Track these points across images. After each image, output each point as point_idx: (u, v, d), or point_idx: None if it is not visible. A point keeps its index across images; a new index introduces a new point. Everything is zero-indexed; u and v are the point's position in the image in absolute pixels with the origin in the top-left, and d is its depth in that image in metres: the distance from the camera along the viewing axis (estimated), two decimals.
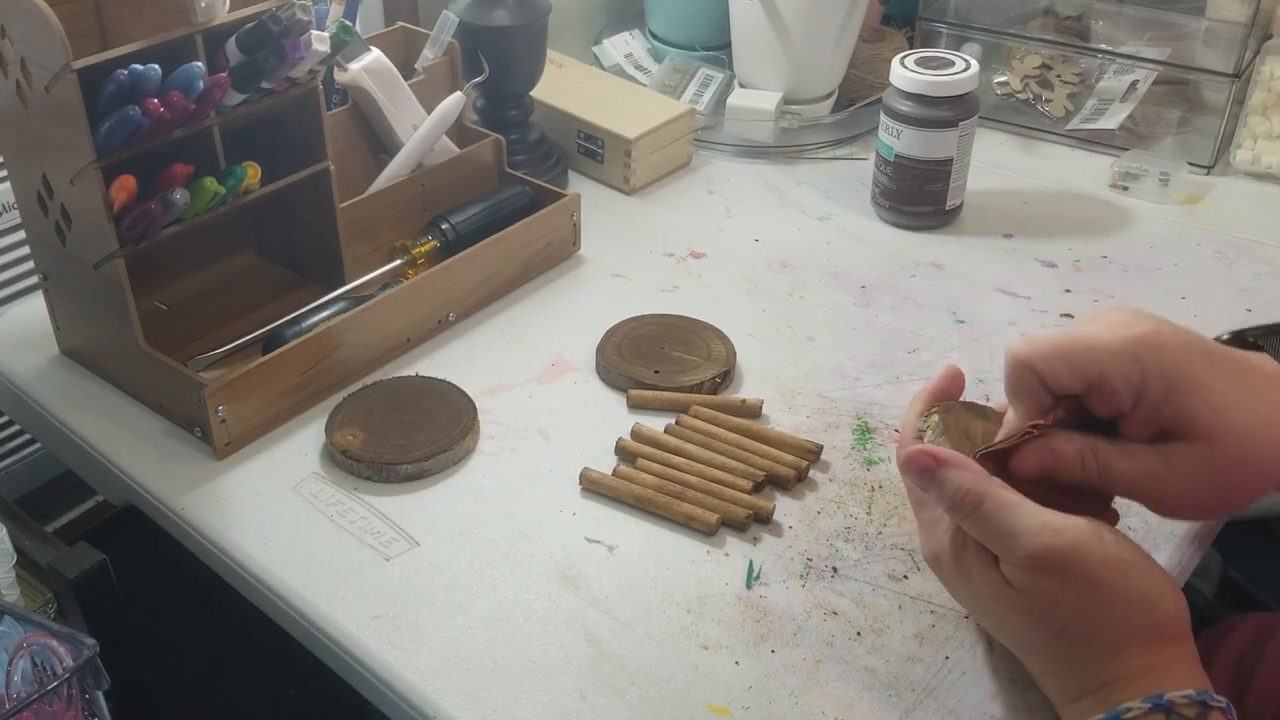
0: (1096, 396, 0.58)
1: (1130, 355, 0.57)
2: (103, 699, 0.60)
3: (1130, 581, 0.55)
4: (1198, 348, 0.58)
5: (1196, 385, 0.57)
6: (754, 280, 0.98)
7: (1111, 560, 0.55)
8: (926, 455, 0.59)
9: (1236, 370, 0.59)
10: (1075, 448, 0.59)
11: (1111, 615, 0.55)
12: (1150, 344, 0.57)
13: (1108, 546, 0.55)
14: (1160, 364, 0.57)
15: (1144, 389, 0.57)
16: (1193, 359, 0.57)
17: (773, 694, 0.64)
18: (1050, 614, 0.56)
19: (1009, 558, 0.56)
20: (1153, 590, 0.55)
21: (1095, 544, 0.55)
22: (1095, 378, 0.57)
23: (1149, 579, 0.55)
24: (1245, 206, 1.10)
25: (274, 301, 0.91)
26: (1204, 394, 0.57)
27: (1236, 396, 0.57)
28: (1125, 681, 0.55)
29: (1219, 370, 0.58)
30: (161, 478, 0.78)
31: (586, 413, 0.83)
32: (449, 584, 0.70)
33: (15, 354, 0.89)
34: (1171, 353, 0.57)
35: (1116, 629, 0.55)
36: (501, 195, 0.98)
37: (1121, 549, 0.55)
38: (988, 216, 1.08)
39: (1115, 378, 0.57)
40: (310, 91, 0.83)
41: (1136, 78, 1.18)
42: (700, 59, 1.26)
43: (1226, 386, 0.57)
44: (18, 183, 0.82)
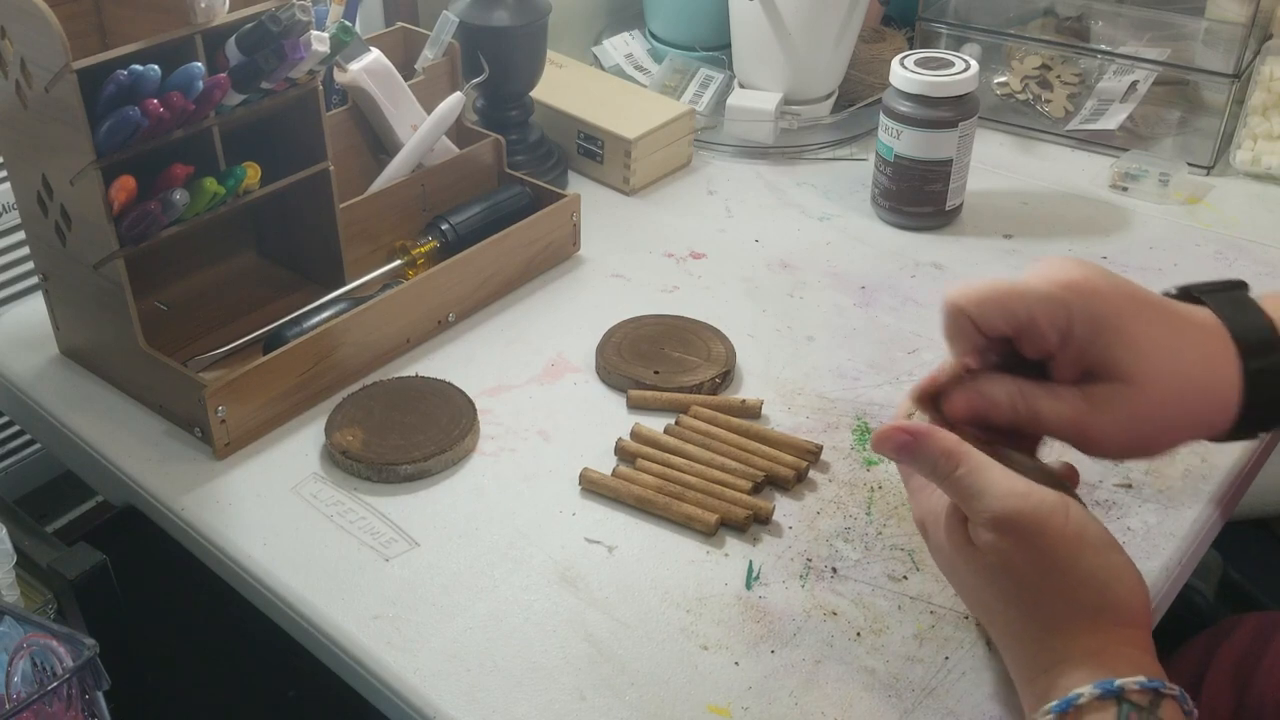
0: (1026, 339, 0.60)
1: (1058, 299, 0.58)
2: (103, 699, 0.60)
3: (1085, 558, 0.55)
4: (1128, 294, 0.60)
5: (1123, 330, 0.58)
6: (754, 280, 0.98)
7: (1071, 534, 0.55)
8: (900, 431, 0.59)
9: (1167, 319, 0.60)
10: (1004, 389, 0.60)
11: (1060, 587, 0.55)
12: (1079, 289, 0.58)
13: (1070, 520, 0.56)
14: (1087, 308, 0.58)
15: (1070, 331, 0.58)
16: (1121, 304, 0.59)
17: (773, 694, 0.64)
18: (1004, 576, 0.57)
19: (975, 517, 0.57)
20: (1107, 572, 0.56)
21: (1058, 516, 0.55)
22: (1025, 320, 0.59)
23: (1105, 560, 0.56)
24: (1245, 207, 1.10)
25: (274, 301, 0.92)
26: (1129, 338, 0.58)
27: (1162, 343, 0.59)
28: (1072, 662, 0.55)
29: (1147, 317, 0.59)
30: (161, 478, 0.78)
31: (586, 413, 0.83)
32: (449, 584, 0.70)
33: (15, 354, 0.89)
34: (1100, 297, 0.59)
35: (1064, 602, 0.56)
36: (501, 196, 0.98)
37: (1085, 526, 0.56)
38: (988, 217, 1.08)
39: (1043, 320, 0.58)
40: (310, 92, 0.83)
41: (1136, 78, 1.18)
42: (700, 59, 1.26)
43: (1153, 332, 0.59)
44: (18, 183, 0.82)
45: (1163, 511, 0.75)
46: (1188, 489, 0.77)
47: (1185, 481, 0.77)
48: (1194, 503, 0.76)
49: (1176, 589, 0.73)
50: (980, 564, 0.58)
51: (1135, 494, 0.77)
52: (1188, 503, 0.76)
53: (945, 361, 0.63)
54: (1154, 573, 0.71)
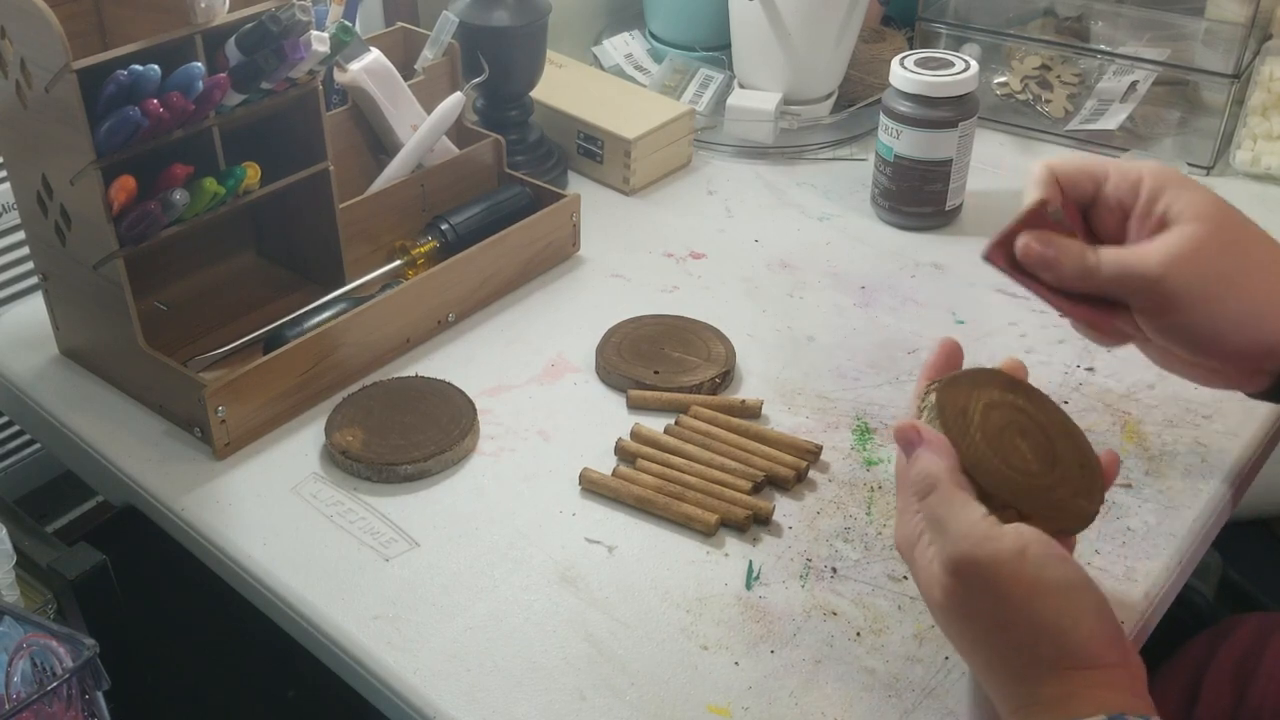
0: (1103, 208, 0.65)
1: (1133, 165, 0.65)
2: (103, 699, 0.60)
3: (1040, 606, 0.54)
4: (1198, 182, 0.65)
5: (1189, 185, 0.64)
6: (754, 280, 0.98)
7: (1026, 580, 0.54)
8: (913, 429, 0.60)
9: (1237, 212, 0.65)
10: (1076, 243, 0.64)
11: (1016, 638, 0.55)
12: (1153, 165, 0.65)
13: (1027, 565, 0.55)
14: (1157, 172, 0.64)
15: (1141, 182, 0.64)
16: (1189, 179, 0.64)
17: (773, 694, 0.64)
18: (964, 621, 0.57)
19: (938, 552, 0.57)
20: (1063, 618, 0.54)
21: (1013, 563, 0.55)
22: (1102, 176, 0.65)
23: (1061, 605, 0.55)
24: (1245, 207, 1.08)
25: (274, 301, 0.92)
26: (1193, 193, 0.63)
27: (1226, 212, 0.64)
28: (1039, 707, 0.54)
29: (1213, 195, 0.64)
30: (161, 478, 0.78)
31: (586, 413, 0.83)
32: (449, 584, 0.70)
33: (15, 354, 0.89)
34: (1170, 172, 0.64)
35: (1021, 652, 0.55)
36: (501, 196, 0.98)
37: (1041, 570, 0.55)
38: (988, 216, 1.08)
39: (1116, 176, 0.64)
40: (310, 92, 0.83)
41: (1136, 78, 1.18)
42: (700, 59, 1.26)
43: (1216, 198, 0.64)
44: (18, 183, 0.82)
45: (1163, 511, 0.75)
46: (1188, 489, 0.77)
47: (1185, 482, 0.77)
48: (1194, 503, 0.76)
49: (1176, 589, 0.73)
50: (944, 607, 0.57)
51: (1135, 494, 0.77)
52: (1188, 503, 0.76)
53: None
54: (1154, 573, 0.71)
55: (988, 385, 0.63)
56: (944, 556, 0.56)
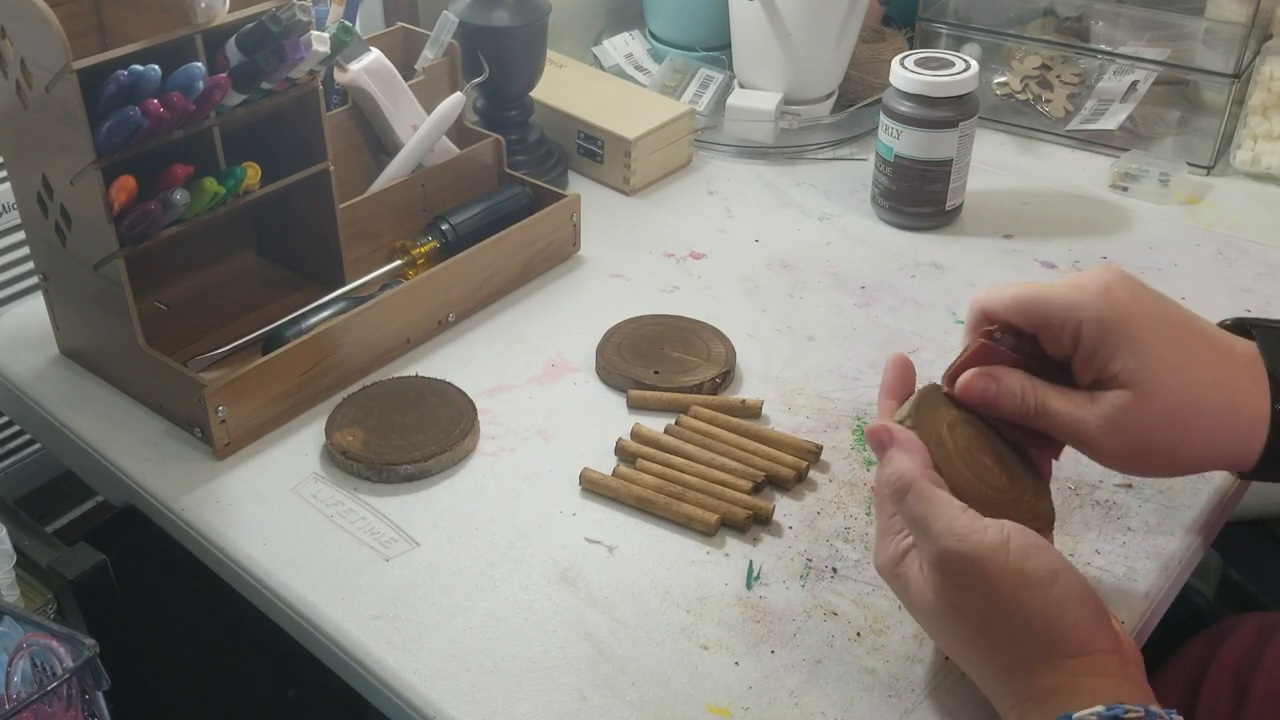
0: (1045, 335, 0.61)
1: (1071, 302, 0.60)
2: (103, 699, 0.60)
3: (1026, 597, 0.55)
4: (1146, 307, 0.60)
5: (1131, 339, 0.59)
6: (754, 280, 0.98)
7: (1011, 573, 0.55)
8: (884, 430, 0.60)
9: (1185, 337, 0.60)
10: (1016, 380, 0.62)
11: (1007, 631, 0.55)
12: (1092, 292, 0.60)
13: (1009, 559, 0.55)
14: (1098, 313, 0.59)
15: (1080, 335, 0.60)
16: (1134, 315, 0.59)
17: (773, 694, 0.64)
18: (957, 620, 0.57)
19: (921, 553, 0.58)
20: (1049, 607, 0.55)
21: (998, 555, 0.55)
22: (1040, 323, 0.61)
23: (1047, 594, 0.55)
24: (1245, 207, 1.10)
25: (274, 301, 0.91)
26: (1136, 348, 0.59)
27: (1172, 359, 0.59)
28: (1034, 700, 0.55)
29: (1160, 331, 0.59)
30: (161, 478, 0.78)
31: (586, 413, 0.83)
32: (449, 584, 0.70)
33: (15, 354, 0.89)
34: (1111, 305, 0.59)
35: (1013, 646, 0.55)
36: (501, 196, 0.98)
37: (1025, 561, 0.55)
38: (988, 217, 1.08)
39: (1055, 322, 0.60)
40: (310, 92, 0.83)
41: (1136, 78, 1.18)
42: (700, 59, 1.26)
43: (1163, 346, 0.59)
44: (18, 183, 0.82)
45: (1163, 511, 0.75)
46: (1188, 489, 0.77)
47: (1185, 481, 0.77)
48: (1194, 503, 0.76)
49: (1176, 589, 0.73)
50: (935, 608, 0.58)
51: (1135, 494, 0.77)
52: (1188, 503, 0.76)
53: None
54: (1153, 573, 0.71)
55: (940, 405, 0.64)
56: (931, 555, 0.57)
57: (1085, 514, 0.75)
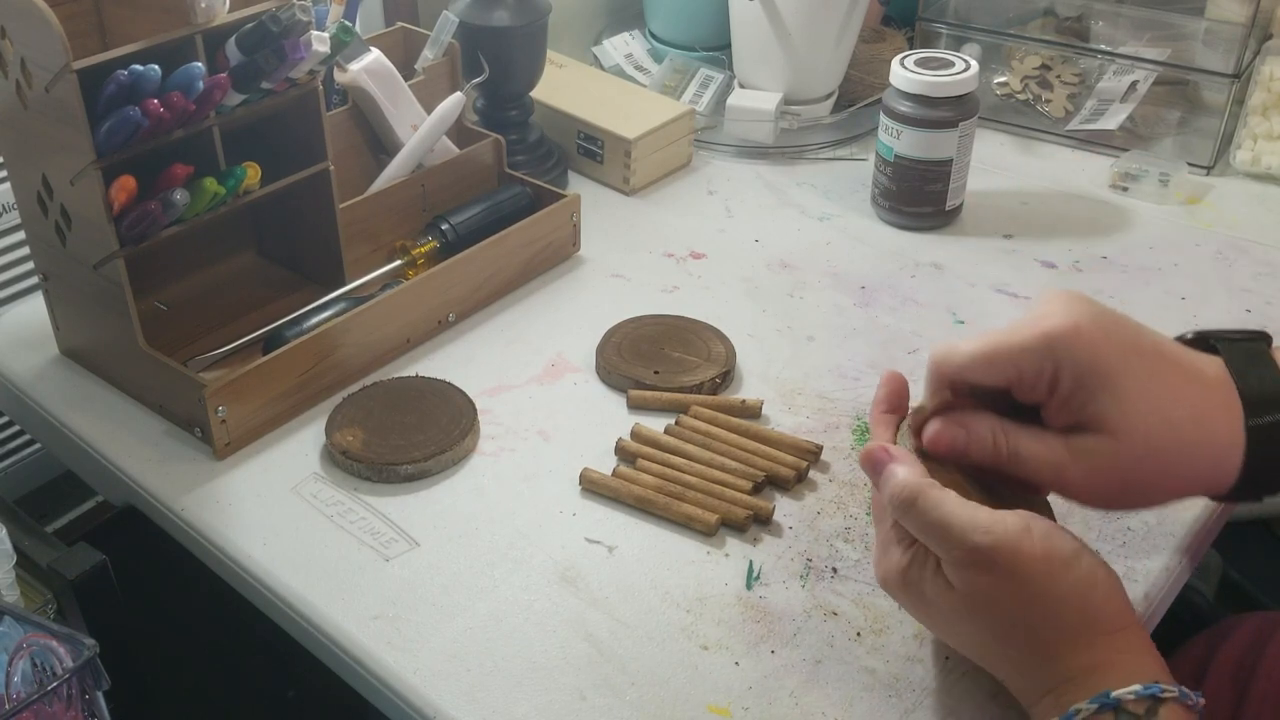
0: (1018, 387, 0.59)
1: (1044, 349, 0.57)
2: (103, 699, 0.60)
3: (1059, 576, 0.55)
4: (1118, 343, 0.58)
5: (1108, 382, 0.57)
6: (754, 280, 0.98)
7: (1040, 555, 0.55)
8: (881, 449, 0.60)
9: (1160, 371, 0.58)
10: (987, 426, 0.60)
11: (1044, 614, 0.55)
12: (1065, 338, 0.57)
13: (1036, 542, 0.55)
14: (1073, 357, 0.57)
15: (1056, 381, 0.58)
16: (1109, 354, 0.57)
17: (773, 694, 0.64)
18: (989, 614, 0.57)
19: (945, 554, 0.57)
20: (1081, 583, 0.55)
21: (1024, 540, 0.55)
22: (1013, 376, 0.59)
23: (1077, 572, 0.55)
24: (1245, 207, 1.10)
25: (274, 301, 0.91)
26: (1113, 391, 0.57)
27: (1149, 398, 0.57)
28: (1073, 681, 0.55)
29: (1136, 368, 0.58)
30: (161, 478, 0.78)
31: (586, 413, 0.83)
32: (449, 584, 0.70)
33: (15, 354, 0.89)
34: (1085, 347, 0.57)
35: (1050, 629, 0.55)
36: (501, 196, 0.98)
37: (1050, 542, 0.55)
38: (988, 217, 1.08)
39: (1029, 374, 0.58)
40: (310, 92, 0.83)
41: (1136, 78, 1.18)
42: (700, 59, 1.26)
43: (1141, 385, 0.57)
44: (18, 183, 0.82)
45: (1163, 511, 0.75)
46: None
47: None
48: (1193, 504, 0.76)
49: (1176, 589, 0.73)
50: (964, 608, 0.57)
51: None
52: (1187, 503, 0.76)
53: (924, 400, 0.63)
54: (1154, 573, 0.71)
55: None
56: (954, 553, 0.56)
57: (1085, 514, 0.75)
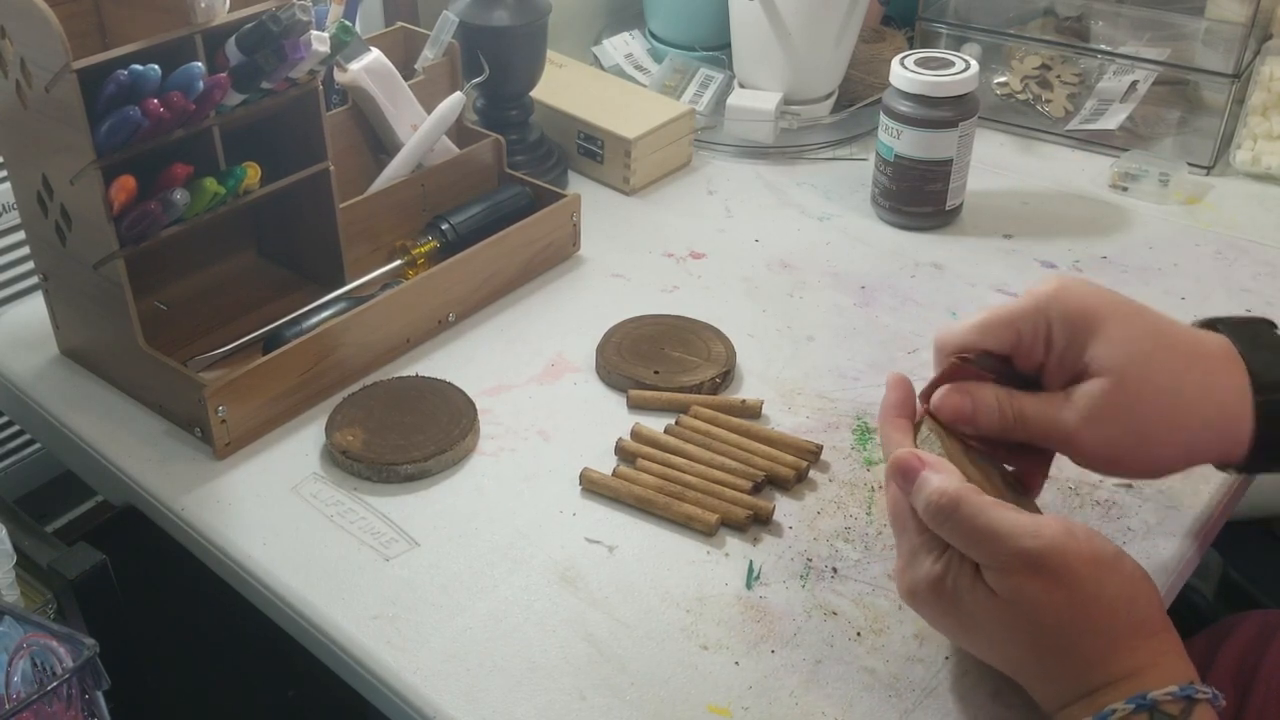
0: (1019, 356, 0.63)
1: (1036, 309, 0.61)
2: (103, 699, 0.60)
3: (1107, 579, 0.55)
4: (1107, 298, 0.61)
5: (1099, 328, 0.60)
6: (754, 280, 0.98)
7: (1088, 558, 0.55)
8: (914, 456, 0.60)
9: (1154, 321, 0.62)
10: (991, 393, 0.62)
11: (1095, 617, 0.55)
12: (1054, 295, 0.61)
13: (1082, 544, 0.55)
14: (1064, 311, 0.61)
15: (1051, 337, 0.61)
16: (1095, 305, 0.61)
17: (773, 694, 0.64)
18: (1036, 620, 0.55)
19: (991, 561, 0.56)
20: (1128, 585, 0.55)
21: (1072, 542, 0.55)
22: (1013, 342, 0.62)
23: (1123, 573, 0.55)
24: (1245, 207, 1.10)
25: (274, 301, 0.91)
26: (1106, 337, 0.60)
27: (1145, 345, 0.60)
28: (1113, 686, 0.54)
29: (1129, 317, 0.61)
30: (161, 478, 0.78)
31: (586, 413, 0.83)
32: (448, 584, 0.70)
33: (15, 354, 0.89)
34: (1073, 299, 0.61)
35: (1101, 633, 0.55)
36: (501, 195, 0.98)
37: (1094, 545, 0.55)
38: (988, 216, 1.08)
39: (1027, 335, 0.62)
40: (310, 91, 0.83)
41: (1136, 78, 1.18)
42: (700, 59, 1.26)
43: (1135, 333, 0.60)
44: (18, 183, 0.82)
45: (1163, 511, 0.75)
46: (1188, 489, 0.77)
47: (1185, 481, 0.77)
48: (1194, 503, 0.76)
49: (1176, 589, 0.73)
50: (1008, 616, 0.56)
51: (1135, 494, 0.77)
52: (1188, 503, 0.76)
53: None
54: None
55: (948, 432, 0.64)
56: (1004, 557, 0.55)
57: (1085, 514, 0.75)
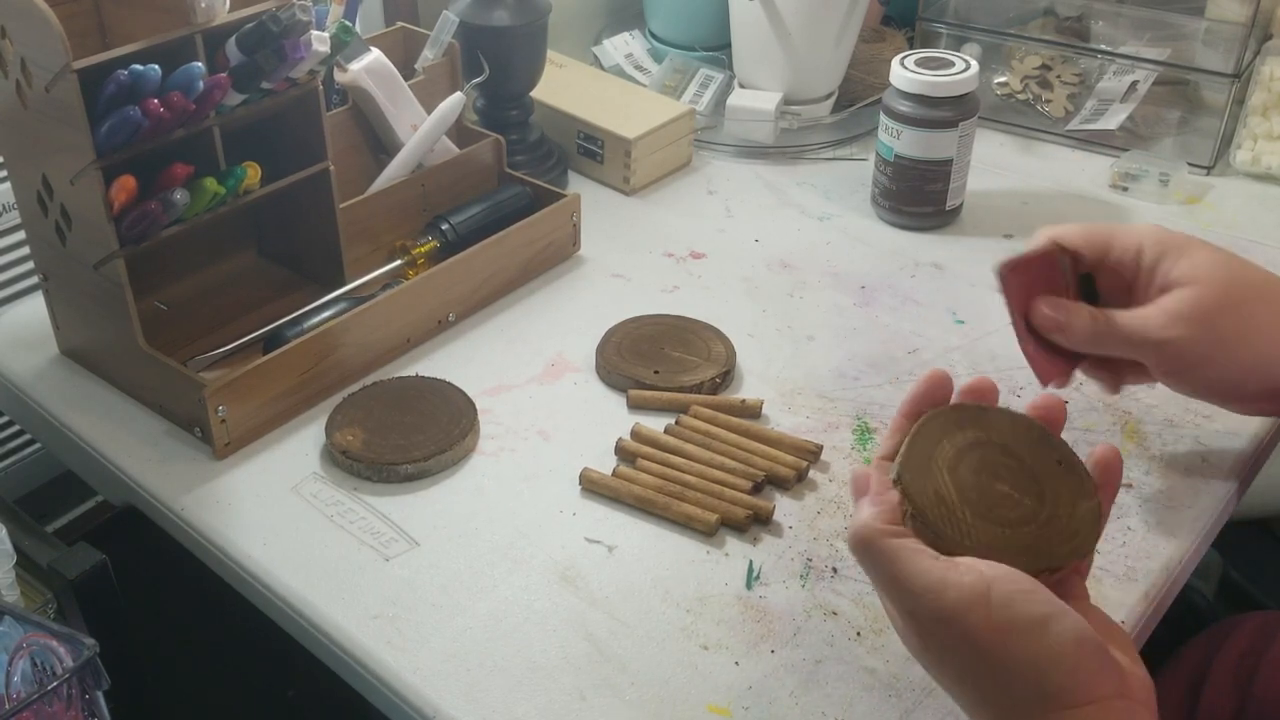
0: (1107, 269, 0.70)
1: (1133, 230, 0.69)
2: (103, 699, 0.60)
3: (1014, 649, 0.51)
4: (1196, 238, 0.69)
5: (1188, 252, 0.67)
6: (754, 280, 0.98)
7: (995, 624, 0.51)
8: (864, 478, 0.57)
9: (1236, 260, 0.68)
10: (1083, 308, 0.69)
11: (997, 681, 0.52)
12: (1153, 227, 0.70)
13: (993, 609, 0.51)
14: (1158, 235, 0.69)
15: (1140, 253, 0.68)
16: (1188, 239, 0.68)
17: (773, 694, 0.64)
18: (940, 670, 0.54)
19: (897, 610, 0.54)
20: (1040, 659, 0.51)
21: (979, 608, 0.51)
22: (1103, 246, 0.69)
23: (1038, 646, 0.51)
24: (1245, 207, 1.10)
25: (274, 301, 0.91)
26: (1193, 257, 0.67)
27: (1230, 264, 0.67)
28: None
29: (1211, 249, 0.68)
30: (161, 478, 0.78)
31: (586, 413, 0.83)
32: (448, 584, 0.70)
33: (15, 354, 0.89)
34: (1170, 233, 0.69)
35: (1004, 696, 0.52)
36: (501, 195, 0.98)
37: (1010, 609, 0.51)
38: (988, 216, 1.08)
39: (1117, 246, 0.69)
40: (310, 91, 0.83)
41: (1136, 78, 1.18)
42: (700, 59, 1.26)
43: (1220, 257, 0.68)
44: (18, 183, 0.82)
45: (1163, 511, 0.75)
46: (1188, 489, 0.77)
47: (1185, 481, 0.77)
48: (1194, 503, 0.76)
49: (1176, 589, 0.73)
50: (919, 655, 0.55)
51: (1135, 494, 0.77)
52: (1188, 503, 0.76)
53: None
54: (1154, 573, 0.71)
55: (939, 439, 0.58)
56: (905, 611, 0.53)
57: None
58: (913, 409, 0.60)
